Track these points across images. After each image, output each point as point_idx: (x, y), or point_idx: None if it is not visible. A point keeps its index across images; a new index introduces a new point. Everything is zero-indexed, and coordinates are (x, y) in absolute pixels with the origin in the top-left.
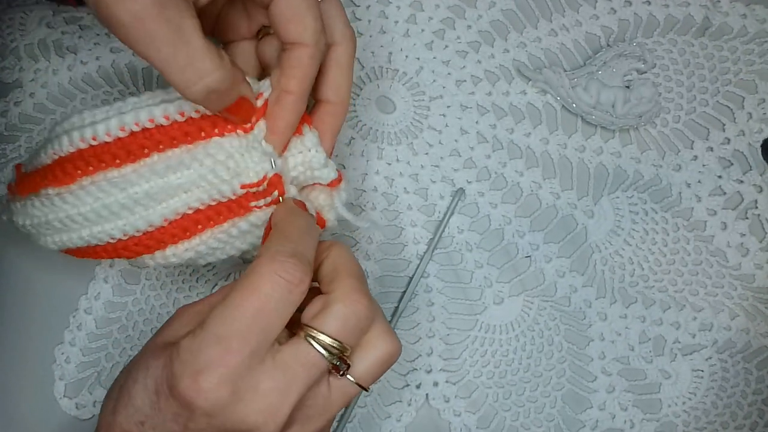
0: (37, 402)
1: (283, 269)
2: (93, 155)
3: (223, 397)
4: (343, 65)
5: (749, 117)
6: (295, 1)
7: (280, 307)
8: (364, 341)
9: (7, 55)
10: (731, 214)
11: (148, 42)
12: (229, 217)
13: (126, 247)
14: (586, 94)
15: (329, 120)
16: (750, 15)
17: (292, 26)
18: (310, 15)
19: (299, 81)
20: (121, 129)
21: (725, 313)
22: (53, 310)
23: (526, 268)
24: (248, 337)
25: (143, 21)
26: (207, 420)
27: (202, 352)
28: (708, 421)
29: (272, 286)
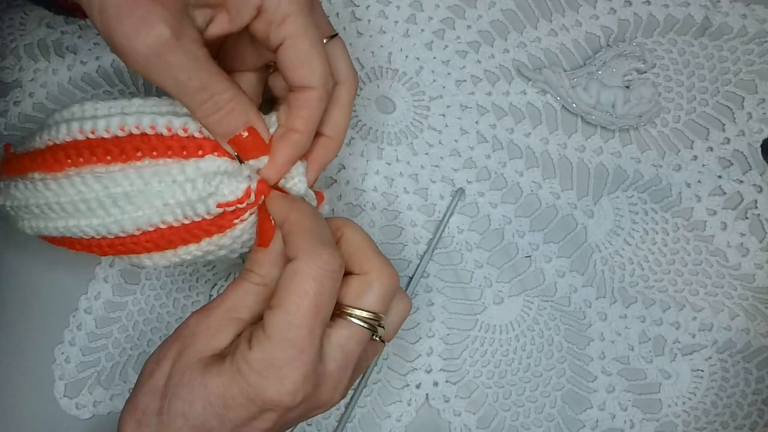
0: (36, 401)
1: (325, 263)
2: (86, 147)
3: (308, 391)
4: (344, 104)
5: (749, 117)
6: (303, 47)
7: (330, 297)
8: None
9: (6, 54)
10: (731, 214)
11: (165, 72)
12: (205, 236)
13: (99, 246)
14: (586, 94)
15: (321, 153)
16: (750, 15)
17: (300, 72)
18: (317, 60)
19: (306, 121)
20: (120, 128)
21: (725, 313)
22: (53, 310)
23: (526, 268)
24: (314, 333)
25: (160, 54)
26: (292, 412)
27: (278, 359)
28: (708, 421)
29: (321, 282)
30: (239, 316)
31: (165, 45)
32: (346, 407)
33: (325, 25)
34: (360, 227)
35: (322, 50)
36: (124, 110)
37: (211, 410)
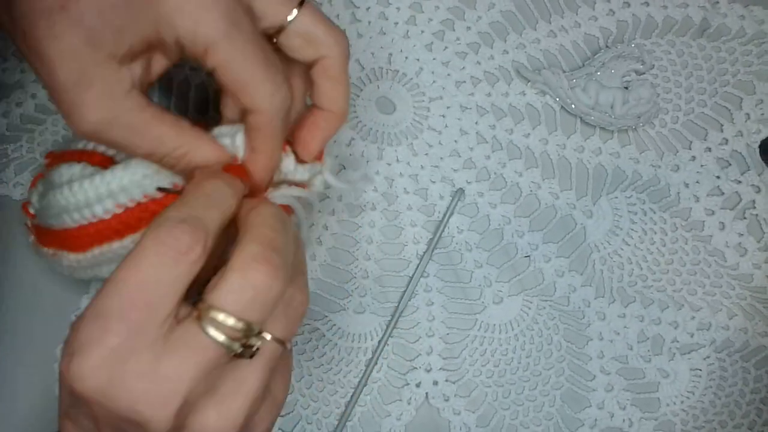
0: (38, 402)
1: (169, 236)
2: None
3: (101, 382)
4: (334, 76)
5: (747, 118)
6: (236, 72)
7: (165, 279)
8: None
9: (8, 56)
10: (729, 214)
11: (113, 144)
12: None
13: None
14: (585, 95)
15: (322, 125)
16: (748, 16)
17: (241, 98)
18: (256, 81)
19: (263, 141)
20: (117, 206)
21: (723, 313)
22: (55, 311)
23: (526, 267)
24: (129, 314)
25: (100, 134)
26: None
27: (80, 333)
28: (706, 420)
29: (156, 257)
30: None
31: (97, 129)
32: (346, 406)
33: (278, 6)
34: (271, 211)
35: (259, 68)
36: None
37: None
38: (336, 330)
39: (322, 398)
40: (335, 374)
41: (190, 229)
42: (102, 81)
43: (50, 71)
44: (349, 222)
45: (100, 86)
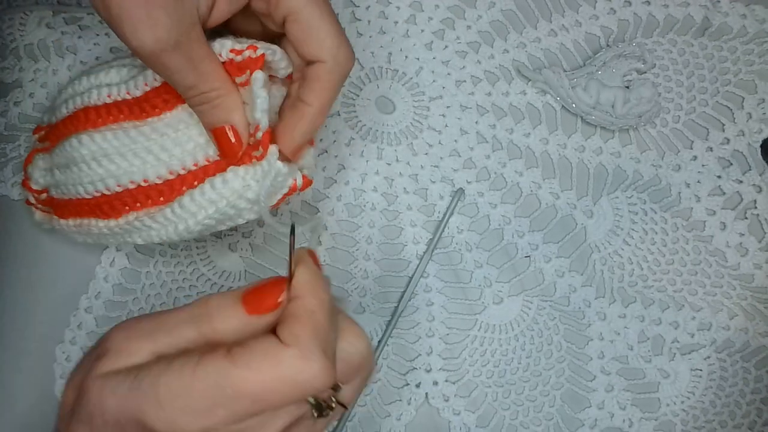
0: (38, 400)
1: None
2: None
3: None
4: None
5: (749, 117)
6: (309, 20)
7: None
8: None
9: (6, 55)
10: (730, 214)
11: (160, 69)
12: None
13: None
14: (586, 94)
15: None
16: (750, 15)
17: (306, 46)
18: (325, 32)
19: (317, 94)
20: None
21: (724, 313)
22: (54, 309)
23: (526, 267)
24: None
25: (157, 55)
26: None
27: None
28: (706, 420)
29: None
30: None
31: (161, 49)
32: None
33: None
34: (312, 267)
35: (329, 21)
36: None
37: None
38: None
39: None
40: None
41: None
42: (172, 5)
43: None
44: (349, 222)
45: (173, 9)
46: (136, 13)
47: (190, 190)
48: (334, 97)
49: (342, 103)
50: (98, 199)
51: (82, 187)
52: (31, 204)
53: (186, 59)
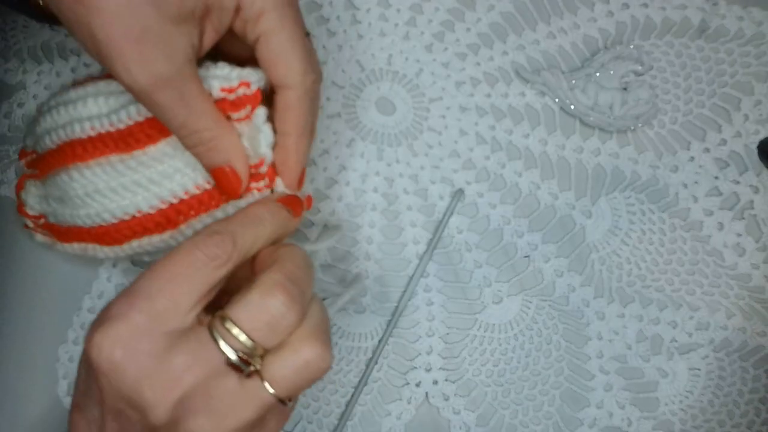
0: (40, 400)
1: (203, 243)
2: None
3: (116, 354)
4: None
5: (746, 118)
6: (277, 43)
7: (192, 277)
8: (285, 344)
9: (10, 57)
10: (728, 215)
11: (152, 107)
12: (221, 202)
13: (117, 230)
14: (584, 95)
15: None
16: (747, 17)
17: (275, 70)
18: (293, 56)
19: (293, 122)
20: (128, 118)
21: (722, 313)
22: (57, 310)
23: (525, 267)
24: (155, 298)
25: (147, 94)
26: (107, 381)
27: (110, 308)
28: (705, 420)
29: (188, 257)
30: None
31: (151, 86)
32: (346, 405)
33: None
34: (297, 253)
35: (299, 46)
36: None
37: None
38: (336, 329)
39: (322, 398)
40: (335, 374)
41: (221, 240)
42: (165, 42)
43: (107, 23)
44: (349, 222)
45: (163, 46)
46: (128, 51)
47: (191, 221)
48: (311, 119)
49: (342, 105)
50: (97, 229)
51: (80, 219)
52: (30, 228)
53: (178, 97)
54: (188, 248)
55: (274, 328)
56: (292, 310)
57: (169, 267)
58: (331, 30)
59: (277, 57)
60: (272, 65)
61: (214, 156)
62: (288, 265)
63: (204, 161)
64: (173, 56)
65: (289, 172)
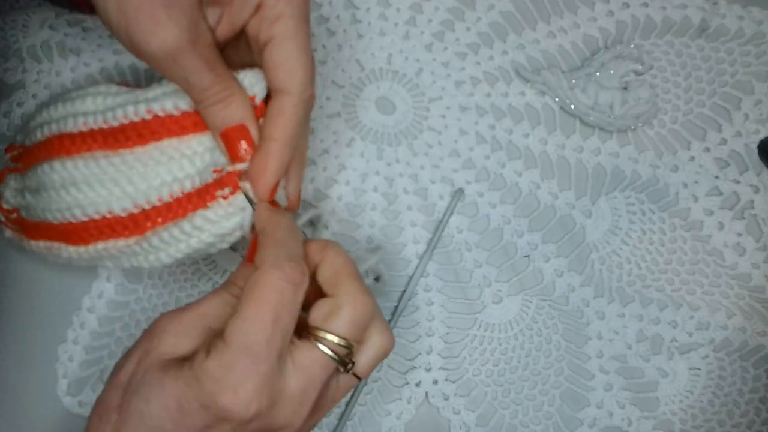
0: (40, 400)
1: (286, 275)
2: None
3: (264, 404)
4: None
5: (746, 118)
6: (287, 49)
7: (291, 309)
8: (365, 337)
9: (10, 56)
10: (728, 214)
11: (177, 72)
12: (188, 210)
13: (75, 230)
14: (584, 95)
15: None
16: (747, 17)
17: (279, 73)
18: (299, 64)
19: (282, 129)
20: (123, 117)
21: (722, 312)
22: (56, 309)
23: (525, 267)
24: (272, 343)
25: (174, 57)
26: (243, 426)
27: (234, 366)
28: (705, 419)
29: (281, 292)
30: (210, 324)
31: (179, 48)
32: (346, 405)
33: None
34: (343, 251)
35: (306, 57)
36: (138, 99)
37: (167, 413)
38: None
39: None
40: None
41: (298, 265)
42: (191, 10)
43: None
44: (349, 222)
45: (189, 14)
46: (158, 14)
47: (158, 228)
48: (299, 133)
49: (342, 104)
50: (66, 226)
51: (50, 214)
52: (1, 223)
53: (203, 60)
54: (276, 284)
55: (366, 326)
56: (374, 307)
57: (269, 308)
58: (330, 29)
59: (284, 61)
60: (278, 68)
61: (232, 113)
62: (351, 268)
63: (219, 120)
64: (199, 24)
65: (266, 178)
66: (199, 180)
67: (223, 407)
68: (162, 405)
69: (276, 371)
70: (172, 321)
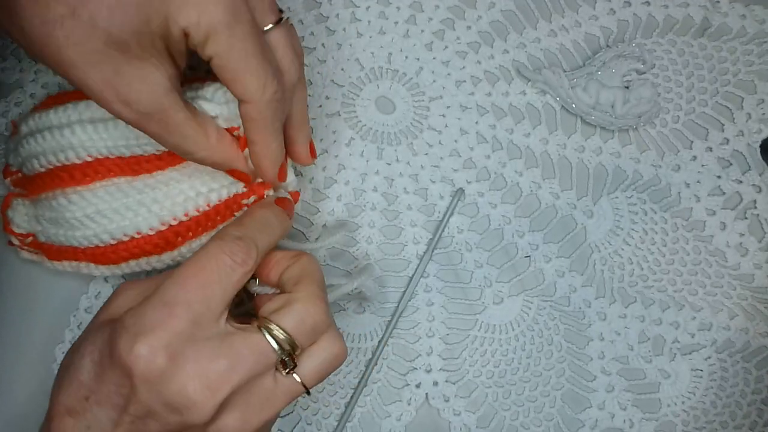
0: (38, 401)
1: (229, 249)
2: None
3: (160, 362)
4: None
5: (748, 117)
6: (231, 62)
7: (222, 282)
8: (314, 345)
9: (7, 55)
10: (730, 214)
11: (146, 133)
12: (217, 222)
13: (115, 251)
14: (586, 94)
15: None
16: (749, 15)
17: (233, 87)
18: (247, 74)
19: (257, 132)
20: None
21: (724, 313)
22: (54, 310)
23: (526, 267)
24: (192, 305)
25: (137, 124)
26: (146, 388)
27: (145, 317)
28: (707, 421)
29: (216, 263)
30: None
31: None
32: (346, 406)
33: (266, 12)
34: (316, 263)
35: (253, 62)
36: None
37: (91, 366)
38: None
39: (321, 399)
40: (335, 375)
41: (245, 245)
42: (139, 79)
43: (82, 74)
44: (350, 222)
45: (138, 84)
46: (108, 94)
47: (190, 242)
48: (276, 125)
49: (342, 103)
50: (94, 250)
51: (75, 240)
52: (15, 246)
53: (164, 127)
54: (215, 253)
55: (315, 331)
56: (327, 316)
57: (199, 273)
58: (330, 28)
59: (232, 76)
60: (229, 83)
61: (219, 167)
62: (318, 276)
63: (215, 167)
64: (151, 91)
65: (266, 173)
66: (226, 192)
67: (121, 356)
68: (90, 359)
69: (189, 335)
70: (127, 287)
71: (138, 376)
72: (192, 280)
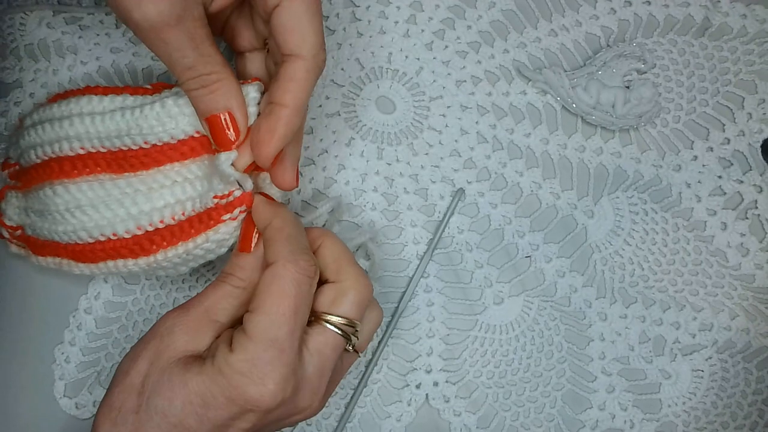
0: (37, 401)
1: (302, 268)
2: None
3: (288, 393)
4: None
5: (749, 117)
6: (297, 12)
7: (307, 300)
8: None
9: (7, 55)
10: (731, 215)
11: (161, 46)
12: (191, 234)
13: (103, 249)
14: (586, 94)
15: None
16: (750, 15)
17: (291, 37)
18: (310, 27)
19: (293, 95)
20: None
21: (725, 313)
22: (53, 310)
23: (526, 268)
24: (294, 335)
25: (159, 30)
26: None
27: (260, 359)
28: (708, 421)
29: (299, 286)
30: (217, 318)
31: (164, 23)
32: (346, 407)
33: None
34: (338, 238)
35: (318, 19)
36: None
37: (191, 409)
38: None
39: None
40: None
41: (311, 258)
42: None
43: None
44: (349, 222)
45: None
46: None
47: (167, 252)
48: (308, 98)
49: (342, 103)
50: (74, 246)
51: (57, 235)
52: (4, 238)
53: (188, 37)
54: (292, 277)
55: (366, 307)
56: (372, 289)
57: (289, 302)
58: (330, 27)
59: (295, 25)
60: (289, 32)
61: (217, 99)
62: (348, 253)
63: (203, 106)
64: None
65: (272, 143)
66: (200, 202)
67: (250, 399)
68: (185, 401)
69: (297, 360)
70: (180, 319)
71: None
72: (286, 313)
